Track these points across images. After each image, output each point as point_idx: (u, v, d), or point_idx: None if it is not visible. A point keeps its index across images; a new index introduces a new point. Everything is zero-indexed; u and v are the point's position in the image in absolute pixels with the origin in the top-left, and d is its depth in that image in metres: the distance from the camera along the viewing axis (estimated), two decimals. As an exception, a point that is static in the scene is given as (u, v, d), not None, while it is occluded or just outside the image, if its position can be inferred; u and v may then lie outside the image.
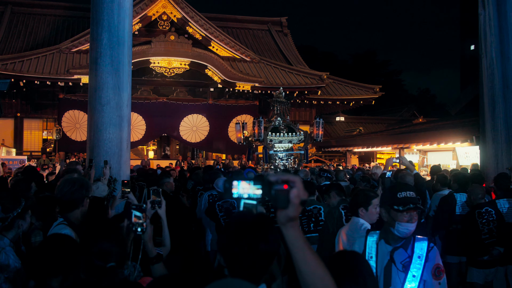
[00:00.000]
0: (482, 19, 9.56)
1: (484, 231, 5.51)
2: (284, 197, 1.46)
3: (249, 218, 1.81)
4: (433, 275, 2.79)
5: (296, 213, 1.51)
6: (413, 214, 2.84)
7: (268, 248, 1.77)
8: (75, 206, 3.62)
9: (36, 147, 24.67)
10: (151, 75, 23.48)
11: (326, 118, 31.46)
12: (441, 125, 18.76)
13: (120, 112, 7.14)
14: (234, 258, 1.77)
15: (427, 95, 61.08)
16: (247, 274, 1.65)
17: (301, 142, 13.93)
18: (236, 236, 1.78)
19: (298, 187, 1.48)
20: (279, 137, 13.46)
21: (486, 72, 9.41)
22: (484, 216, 5.56)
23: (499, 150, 9.14)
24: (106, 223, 2.71)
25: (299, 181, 1.49)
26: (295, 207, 1.49)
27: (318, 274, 1.59)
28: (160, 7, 23.65)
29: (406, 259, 2.81)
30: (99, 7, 7.16)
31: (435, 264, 2.83)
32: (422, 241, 2.88)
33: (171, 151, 27.32)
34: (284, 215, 1.51)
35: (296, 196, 1.48)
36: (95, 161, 6.86)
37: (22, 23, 26.70)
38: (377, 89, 27.82)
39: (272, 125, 13.77)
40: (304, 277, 1.60)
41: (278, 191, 1.46)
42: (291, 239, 1.57)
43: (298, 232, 1.57)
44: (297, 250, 1.57)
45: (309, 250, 1.59)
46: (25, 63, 21.35)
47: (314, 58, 45.14)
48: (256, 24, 31.69)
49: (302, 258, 1.57)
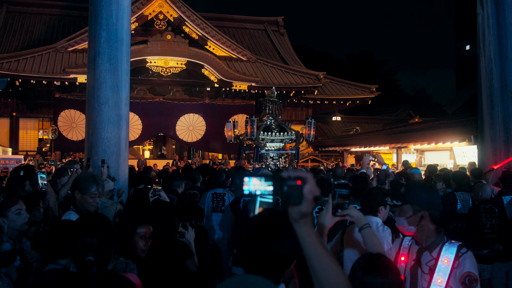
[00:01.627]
0: (480, 18, 9.57)
1: (487, 225, 5.70)
2: (297, 193, 1.47)
3: (272, 216, 1.78)
4: (462, 284, 2.55)
5: (309, 209, 1.51)
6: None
7: (290, 247, 1.74)
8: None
9: (31, 147, 24.56)
10: (148, 75, 23.43)
11: (323, 118, 31.51)
12: (438, 124, 18.77)
13: (119, 110, 7.09)
14: (254, 257, 1.74)
15: (423, 95, 61.25)
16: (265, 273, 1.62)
17: (293, 141, 13.97)
18: (257, 234, 1.75)
19: (311, 183, 1.49)
20: (271, 137, 13.51)
21: (485, 72, 9.42)
22: (489, 211, 5.78)
23: (497, 149, 9.16)
24: (95, 218, 2.71)
25: (312, 177, 1.50)
26: (308, 202, 1.49)
27: (331, 270, 1.58)
28: (157, 6, 23.60)
29: (431, 261, 2.65)
30: (97, 5, 7.11)
31: (466, 272, 2.57)
32: (452, 245, 2.67)
33: (168, 150, 27.29)
34: (297, 211, 1.52)
35: (310, 192, 1.48)
36: (93, 160, 6.82)
37: (18, 22, 26.57)
38: (374, 88, 27.83)
39: (264, 124, 13.80)
40: (317, 274, 1.59)
41: (291, 187, 1.46)
42: (304, 236, 1.57)
43: (310, 228, 1.57)
44: (310, 247, 1.57)
45: (322, 246, 1.59)
46: (21, 62, 21.25)
47: (310, 58, 45.10)
48: (252, 23, 31.66)
49: (315, 255, 1.57)
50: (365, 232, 2.55)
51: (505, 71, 9.27)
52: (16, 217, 3.43)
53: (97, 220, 2.63)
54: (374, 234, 2.59)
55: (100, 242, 2.44)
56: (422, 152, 18.46)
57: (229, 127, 14.76)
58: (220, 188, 6.96)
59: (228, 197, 6.74)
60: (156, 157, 26.32)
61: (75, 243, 2.41)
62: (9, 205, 3.44)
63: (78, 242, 2.41)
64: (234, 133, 14.63)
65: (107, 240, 2.50)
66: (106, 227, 2.57)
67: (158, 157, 26.48)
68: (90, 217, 2.80)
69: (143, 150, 26.96)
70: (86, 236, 2.43)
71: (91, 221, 2.60)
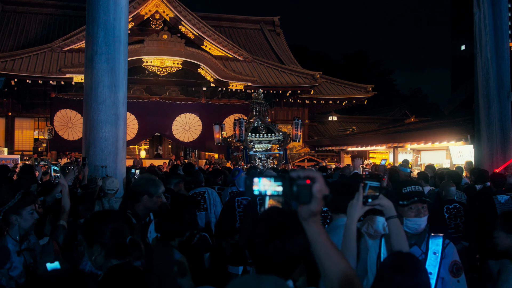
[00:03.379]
0: (477, 18, 9.61)
1: (451, 225, 5.68)
2: (307, 192, 1.49)
3: (282, 216, 1.80)
4: (451, 272, 2.69)
5: (319, 207, 1.53)
6: (421, 208, 2.80)
7: (302, 245, 1.75)
8: (136, 199, 3.75)
9: (27, 147, 24.48)
10: (144, 74, 23.38)
11: (319, 118, 31.56)
12: (435, 124, 18.83)
13: (116, 110, 7.10)
14: (269, 258, 1.74)
15: (419, 94, 61.49)
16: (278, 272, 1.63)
17: (281, 142, 14.11)
18: (271, 236, 1.75)
19: (320, 182, 1.50)
20: (259, 138, 13.70)
21: (481, 71, 9.47)
22: (452, 211, 5.75)
23: (494, 148, 9.21)
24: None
25: (321, 176, 1.52)
26: (318, 201, 1.51)
27: (341, 268, 1.60)
28: (153, 6, 23.57)
29: (421, 256, 2.74)
30: (95, 5, 7.11)
31: (453, 260, 2.73)
32: (437, 237, 2.80)
33: (164, 150, 27.25)
34: (307, 210, 1.54)
35: (319, 191, 1.50)
36: (91, 160, 6.83)
37: (14, 21, 26.48)
38: (370, 88, 27.89)
39: (251, 126, 13.95)
40: (326, 272, 1.61)
41: (301, 186, 1.48)
42: (313, 235, 1.59)
43: (320, 227, 1.60)
44: (320, 245, 1.60)
45: (331, 245, 1.61)
46: (16, 62, 21.18)
47: (306, 57, 45.18)
48: (248, 23, 31.65)
49: (324, 253, 1.60)
50: (391, 222, 2.55)
51: (501, 71, 9.33)
52: (29, 217, 3.37)
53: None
54: (400, 226, 2.59)
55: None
56: (419, 151, 18.50)
57: (216, 130, 14.93)
58: (200, 187, 6.90)
59: (208, 194, 6.71)
60: (152, 157, 26.25)
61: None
62: (26, 203, 3.38)
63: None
64: (222, 135, 14.80)
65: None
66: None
67: (154, 157, 26.42)
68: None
69: (139, 150, 26.90)
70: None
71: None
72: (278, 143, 14.13)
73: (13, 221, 3.29)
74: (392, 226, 2.55)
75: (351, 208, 2.41)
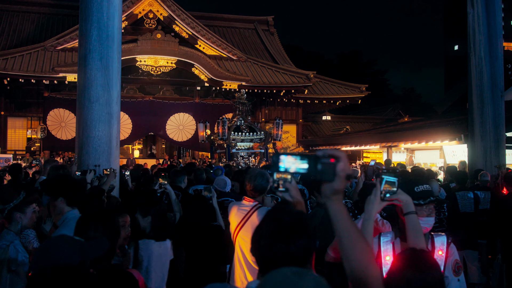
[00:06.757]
0: (470, 17, 9.62)
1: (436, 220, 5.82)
2: (330, 170, 1.54)
3: (287, 218, 1.80)
4: (453, 271, 2.68)
5: (342, 186, 1.58)
6: (432, 207, 2.81)
7: (306, 247, 1.77)
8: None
9: (20, 146, 24.33)
10: (137, 74, 23.31)
11: (313, 117, 31.57)
12: (429, 123, 18.84)
13: (110, 109, 7.05)
14: (274, 260, 1.73)
15: (412, 94, 61.70)
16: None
17: (262, 141, 14.49)
18: (276, 239, 1.75)
19: (344, 162, 1.55)
20: (241, 136, 14.11)
21: (475, 71, 9.48)
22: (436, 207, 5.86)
23: (487, 148, 9.22)
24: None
25: (345, 156, 1.56)
26: (341, 179, 1.55)
27: (359, 246, 1.67)
28: (147, 5, 23.50)
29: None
30: (88, 3, 7.06)
31: (455, 259, 2.73)
32: (440, 236, 2.80)
33: (157, 150, 27.19)
34: (330, 188, 1.59)
35: (342, 169, 1.55)
36: (84, 159, 6.81)
37: (6, 20, 26.32)
38: (363, 88, 27.92)
39: (234, 124, 14.36)
40: (345, 249, 1.68)
41: (325, 164, 1.53)
42: (335, 212, 1.65)
43: (341, 205, 1.65)
44: (340, 222, 1.66)
45: (351, 222, 1.67)
46: (9, 61, 21.06)
47: (300, 57, 45.19)
48: (242, 23, 31.62)
49: (345, 230, 1.66)
50: (409, 218, 2.53)
51: (495, 70, 9.34)
52: (33, 215, 3.43)
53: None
54: (418, 222, 2.58)
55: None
56: (412, 151, 18.52)
57: (201, 128, 15.46)
58: (201, 185, 6.94)
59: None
60: (145, 157, 26.19)
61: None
62: (30, 201, 3.43)
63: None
64: (205, 133, 15.27)
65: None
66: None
67: (148, 156, 26.37)
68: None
69: (133, 150, 26.82)
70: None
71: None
72: (259, 142, 14.51)
73: (17, 218, 3.36)
74: (410, 222, 2.54)
75: (369, 204, 2.39)
